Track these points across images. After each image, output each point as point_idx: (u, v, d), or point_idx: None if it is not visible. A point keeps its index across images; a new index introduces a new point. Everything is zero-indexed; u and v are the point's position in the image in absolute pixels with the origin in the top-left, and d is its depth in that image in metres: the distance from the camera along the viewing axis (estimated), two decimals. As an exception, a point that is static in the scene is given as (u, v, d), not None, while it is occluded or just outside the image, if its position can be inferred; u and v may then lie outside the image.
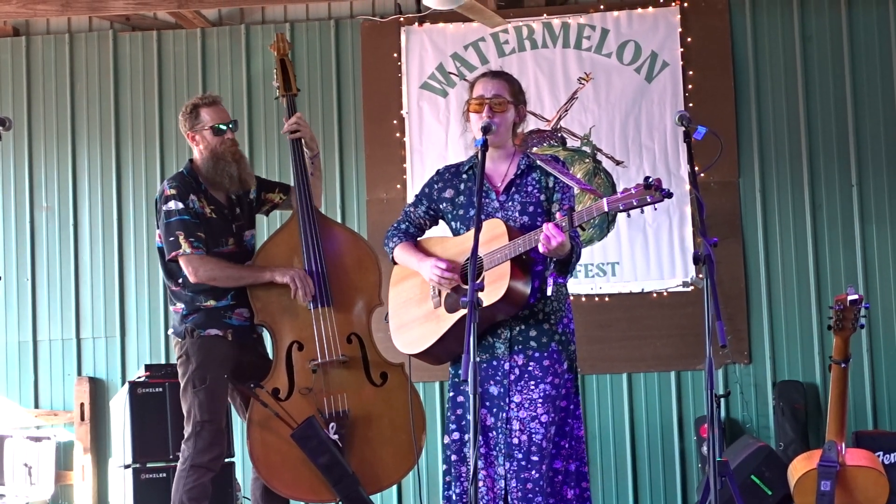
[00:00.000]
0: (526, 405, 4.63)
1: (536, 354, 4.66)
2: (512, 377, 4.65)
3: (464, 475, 4.68)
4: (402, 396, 5.37)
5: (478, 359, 4.64)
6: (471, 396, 4.05)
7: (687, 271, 7.68)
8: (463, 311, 4.55)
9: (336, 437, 5.26)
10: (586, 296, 7.75)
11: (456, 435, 4.75)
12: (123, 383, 7.16)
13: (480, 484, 4.63)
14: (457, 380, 4.79)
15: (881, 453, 6.70)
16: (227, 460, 6.21)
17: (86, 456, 7.86)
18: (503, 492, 4.61)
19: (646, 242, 7.76)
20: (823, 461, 5.37)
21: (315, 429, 5.22)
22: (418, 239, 4.98)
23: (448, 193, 4.87)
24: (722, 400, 7.39)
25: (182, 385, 5.41)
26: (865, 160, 7.72)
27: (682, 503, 7.59)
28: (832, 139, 7.75)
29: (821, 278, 7.67)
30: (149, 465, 6.26)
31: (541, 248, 4.42)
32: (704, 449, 7.16)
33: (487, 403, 4.68)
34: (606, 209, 4.33)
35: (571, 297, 7.48)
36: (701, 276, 4.26)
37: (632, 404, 7.73)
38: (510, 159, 4.80)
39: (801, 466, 5.51)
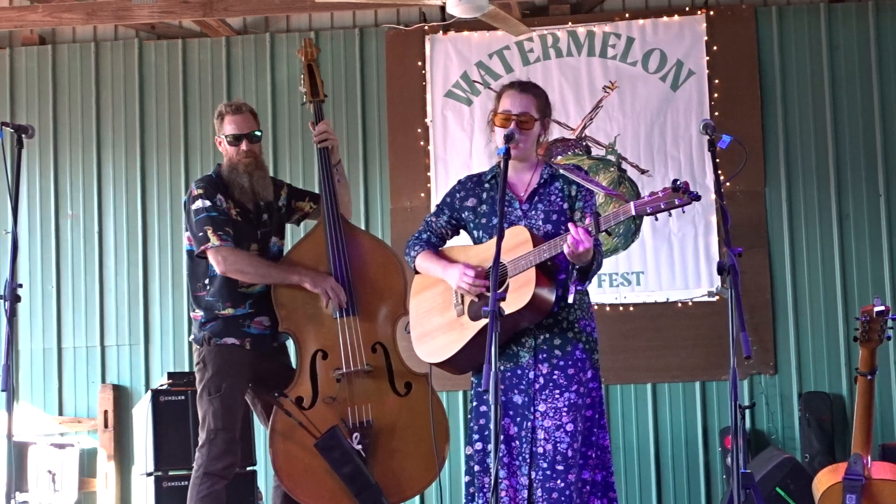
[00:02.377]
0: (551, 414, 4.60)
1: (561, 363, 4.64)
2: (536, 386, 4.63)
3: (487, 486, 4.65)
4: (426, 406, 5.33)
5: (501, 368, 4.62)
6: (492, 406, 4.02)
7: (712, 281, 7.64)
8: (485, 321, 4.51)
9: (359, 446, 5.24)
10: (611, 305, 7.72)
11: (479, 445, 4.72)
12: (147, 391, 7.17)
13: (503, 494, 4.60)
14: (479, 389, 4.76)
15: (908, 466, 6.63)
16: (248, 468, 6.22)
17: (109, 463, 7.88)
18: (525, 502, 4.58)
19: (671, 252, 7.73)
20: (849, 474, 5.30)
21: (338, 438, 5.20)
22: (440, 248, 4.96)
23: (470, 202, 4.85)
24: (747, 411, 7.40)
25: (198, 392, 5.41)
26: (893, 170, 7.67)
27: (707, 515, 7.57)
28: (859, 149, 7.71)
29: (847, 289, 7.62)
30: (171, 472, 6.26)
31: (566, 251, 4.39)
32: (729, 460, 7.11)
33: (511, 412, 4.65)
34: (634, 212, 4.31)
35: (596, 307, 7.48)
36: (726, 285, 4.23)
37: (656, 415, 7.70)
38: (533, 169, 4.79)
39: (826, 480, 5.44)
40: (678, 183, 4.24)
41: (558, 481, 4.56)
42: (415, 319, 4.92)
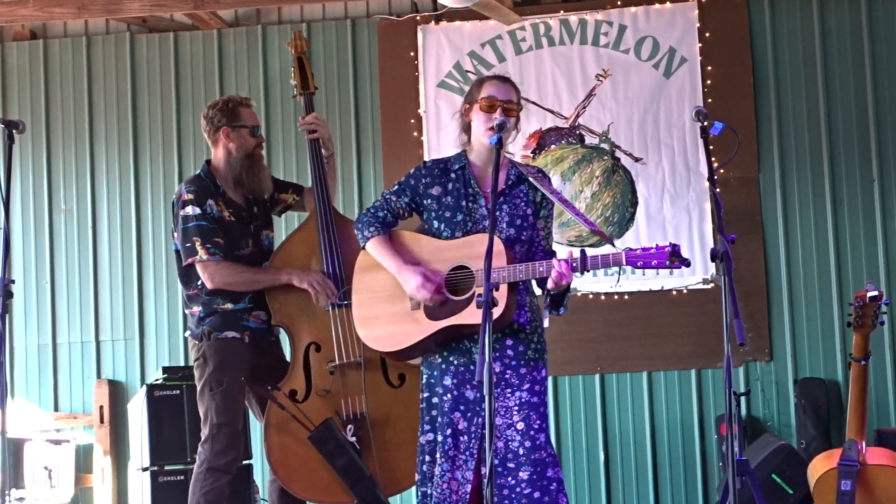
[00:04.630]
0: (502, 412, 4.63)
1: (513, 363, 4.67)
2: None
3: (436, 476, 4.66)
4: (419, 398, 5.33)
5: (455, 362, 4.67)
6: (486, 398, 4.01)
7: (707, 268, 7.64)
8: (445, 322, 4.59)
9: (353, 438, 5.24)
10: (605, 294, 7.72)
11: (430, 436, 4.72)
12: (143, 385, 7.16)
13: (445, 486, 4.63)
14: (432, 381, 4.75)
15: (903, 451, 6.63)
16: (244, 462, 6.21)
17: (105, 458, 7.88)
18: (468, 496, 4.59)
19: (665, 239, 7.70)
20: (843, 460, 5.31)
21: (332, 431, 5.20)
22: (394, 232, 4.87)
23: (435, 190, 4.79)
24: (743, 398, 7.38)
25: (199, 388, 5.39)
26: (886, 154, 7.66)
27: (704, 503, 7.55)
28: (853, 134, 7.70)
29: (842, 274, 7.61)
30: (167, 467, 6.25)
31: (549, 284, 4.49)
32: (725, 448, 7.11)
33: (462, 408, 4.66)
34: (624, 262, 4.39)
35: (591, 296, 7.50)
36: (720, 273, 4.26)
37: (652, 403, 7.70)
38: (501, 169, 4.77)
39: (820, 466, 5.45)
40: (676, 248, 4.33)
41: (509, 478, 4.60)
42: (359, 299, 4.86)
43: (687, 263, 4.31)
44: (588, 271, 4.49)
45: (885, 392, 7.49)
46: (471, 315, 4.48)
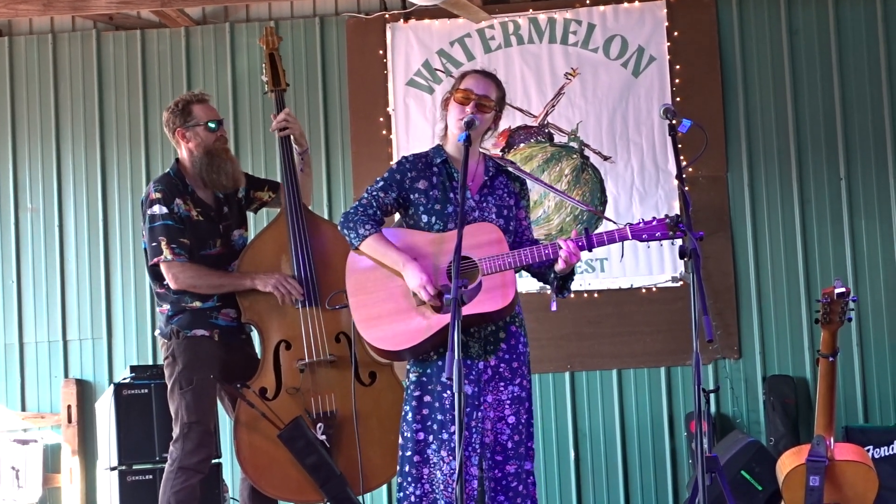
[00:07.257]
0: (495, 406, 4.66)
1: (507, 356, 4.69)
2: (485, 377, 4.65)
3: (425, 476, 4.64)
4: (390, 396, 5.35)
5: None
6: (456, 395, 4.02)
7: (676, 266, 7.66)
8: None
9: (324, 437, 5.23)
10: (575, 292, 7.67)
11: (421, 435, 4.67)
12: (111, 385, 7.11)
13: (456, 485, 4.60)
14: (424, 379, 4.69)
15: (871, 447, 6.69)
16: (214, 461, 6.18)
17: (73, 458, 7.82)
18: (476, 492, 4.59)
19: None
20: (812, 456, 5.34)
21: (302, 429, 5.19)
22: (385, 231, 4.78)
23: (422, 184, 4.75)
24: (712, 395, 7.42)
25: (169, 386, 5.37)
26: (853, 154, 7.70)
27: (674, 500, 7.58)
28: (820, 133, 7.74)
29: (810, 272, 7.65)
30: (135, 466, 6.21)
31: (559, 266, 4.56)
32: (694, 445, 7.13)
33: None
34: (630, 237, 4.49)
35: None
36: (689, 270, 4.29)
37: (622, 401, 7.71)
38: (477, 161, 4.79)
39: (789, 462, 5.48)
40: (674, 218, 4.41)
41: (496, 471, 4.63)
42: (358, 299, 4.72)
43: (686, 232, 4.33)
44: (594, 249, 4.55)
45: (852, 389, 7.53)
46: (480, 304, 4.47)
